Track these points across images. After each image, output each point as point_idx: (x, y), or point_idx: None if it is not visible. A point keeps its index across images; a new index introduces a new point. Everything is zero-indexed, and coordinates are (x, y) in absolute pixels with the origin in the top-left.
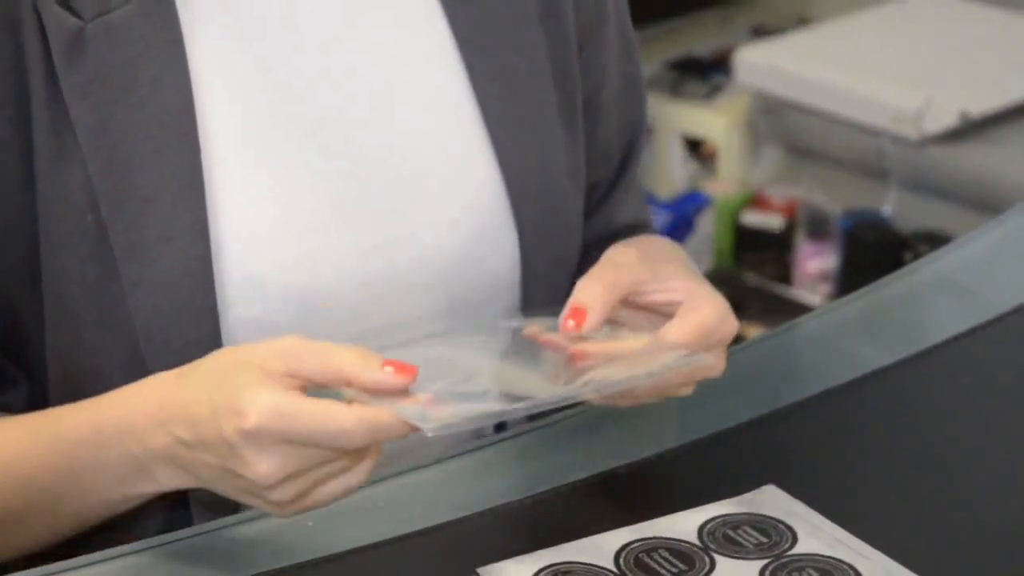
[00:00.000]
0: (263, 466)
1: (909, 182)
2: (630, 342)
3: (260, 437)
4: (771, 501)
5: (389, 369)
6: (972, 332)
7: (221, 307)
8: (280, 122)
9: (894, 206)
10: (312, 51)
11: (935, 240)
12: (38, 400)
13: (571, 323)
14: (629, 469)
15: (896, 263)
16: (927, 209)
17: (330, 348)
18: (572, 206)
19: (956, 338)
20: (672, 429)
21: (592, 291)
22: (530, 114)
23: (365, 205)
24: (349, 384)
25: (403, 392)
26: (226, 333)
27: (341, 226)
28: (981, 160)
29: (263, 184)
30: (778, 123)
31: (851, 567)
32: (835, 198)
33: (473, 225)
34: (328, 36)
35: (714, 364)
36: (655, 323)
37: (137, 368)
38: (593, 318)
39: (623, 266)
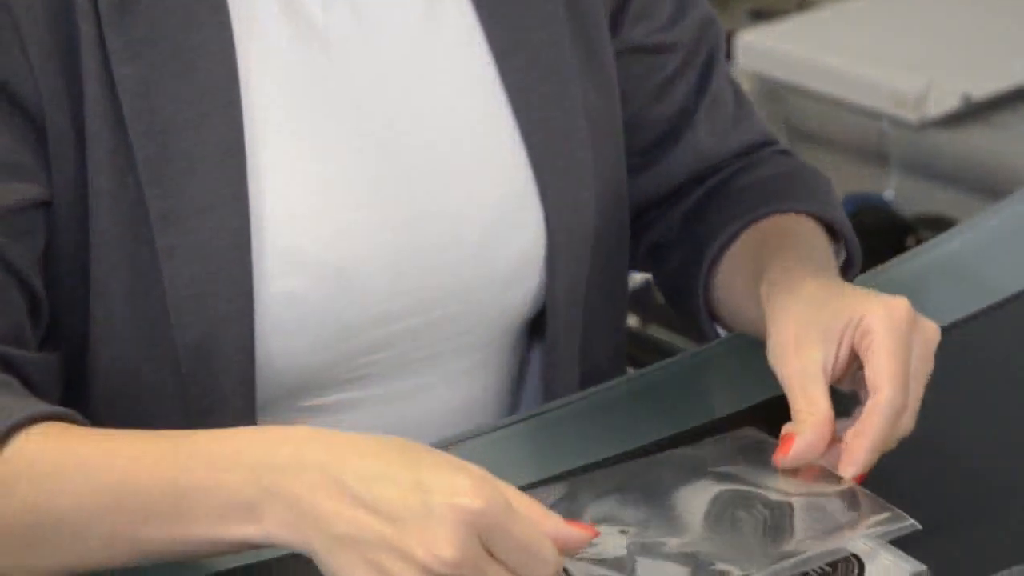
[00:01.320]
0: (452, 552)
1: (911, 166)
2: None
3: (475, 520)
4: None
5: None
6: (975, 317)
7: (256, 281)
8: (318, 99)
9: (896, 190)
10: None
11: (938, 224)
12: (75, 396)
13: (781, 457)
14: (630, 455)
15: (899, 248)
16: (929, 193)
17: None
18: (599, 179)
19: (959, 323)
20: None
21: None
22: (554, 88)
23: (398, 181)
24: (536, 518)
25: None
26: (259, 308)
27: (375, 202)
28: (984, 144)
29: (302, 159)
30: (778, 107)
31: (852, 554)
32: (837, 182)
33: (500, 201)
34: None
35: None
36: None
37: (166, 346)
38: (797, 450)
39: (804, 345)
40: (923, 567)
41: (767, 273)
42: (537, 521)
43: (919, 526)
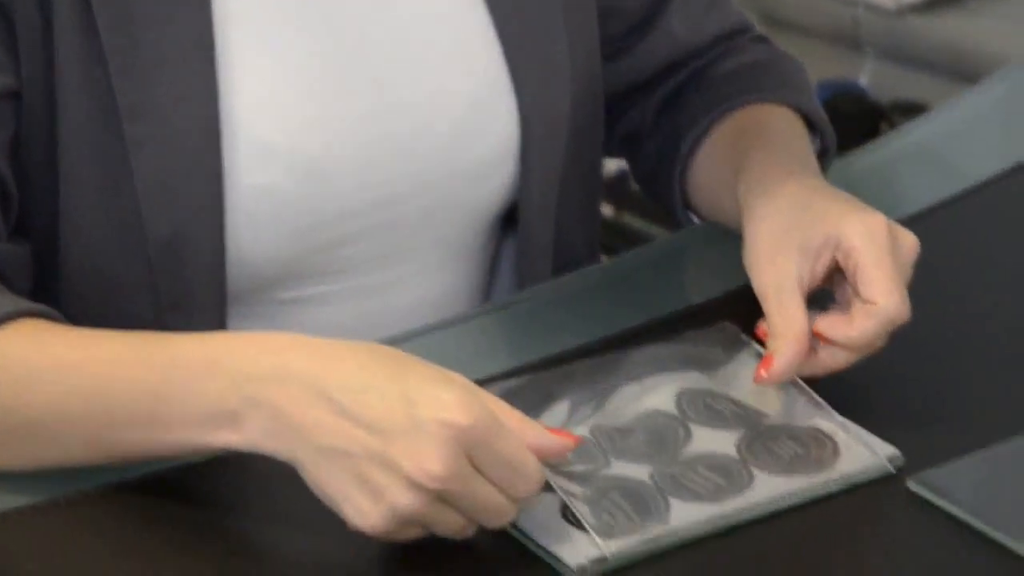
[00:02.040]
0: (439, 467)
1: (886, 52)
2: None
3: (462, 436)
4: (747, 362)
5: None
6: (949, 202)
7: (227, 173)
8: None
9: (871, 76)
10: None
11: (912, 110)
12: (45, 291)
13: (763, 373)
14: (603, 343)
15: (873, 133)
16: (904, 79)
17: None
18: (574, 68)
19: (932, 208)
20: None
21: (777, 326)
22: None
23: (369, 73)
24: (520, 435)
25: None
26: (230, 200)
27: (347, 93)
28: (958, 29)
29: (272, 51)
30: None
31: (825, 435)
32: (811, 68)
33: (472, 91)
34: None
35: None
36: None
37: (136, 239)
38: (778, 370)
39: (781, 256)
40: (895, 450)
41: (744, 171)
42: (521, 431)
43: (892, 470)
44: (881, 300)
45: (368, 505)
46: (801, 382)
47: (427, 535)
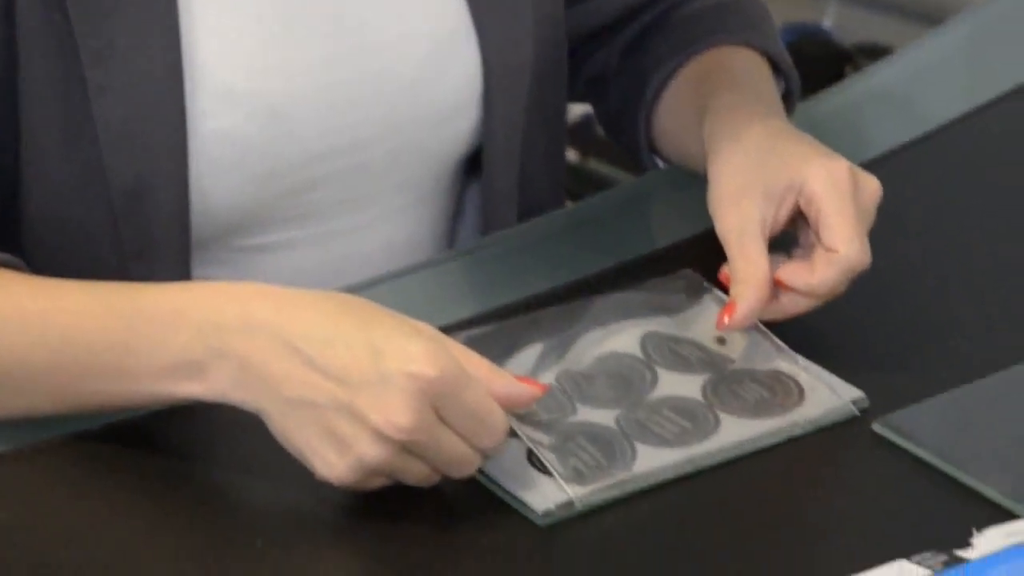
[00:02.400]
0: (406, 419)
1: None
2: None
3: (428, 388)
4: (710, 305)
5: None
6: (912, 144)
7: (190, 118)
8: None
9: (835, 19)
10: None
11: (876, 53)
12: (7, 239)
13: (725, 319)
14: (568, 288)
15: (837, 76)
16: (868, 22)
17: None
18: (536, 12)
19: (896, 150)
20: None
21: (740, 272)
22: None
23: (331, 17)
24: (486, 384)
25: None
26: (193, 145)
27: (308, 37)
28: None
29: None
30: None
31: (791, 378)
32: (775, 11)
33: (434, 34)
34: None
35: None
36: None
37: (99, 186)
38: (740, 317)
39: (744, 200)
40: (860, 393)
41: (709, 114)
42: (488, 379)
43: (857, 413)
44: (842, 248)
45: (335, 457)
46: (763, 327)
47: (393, 484)
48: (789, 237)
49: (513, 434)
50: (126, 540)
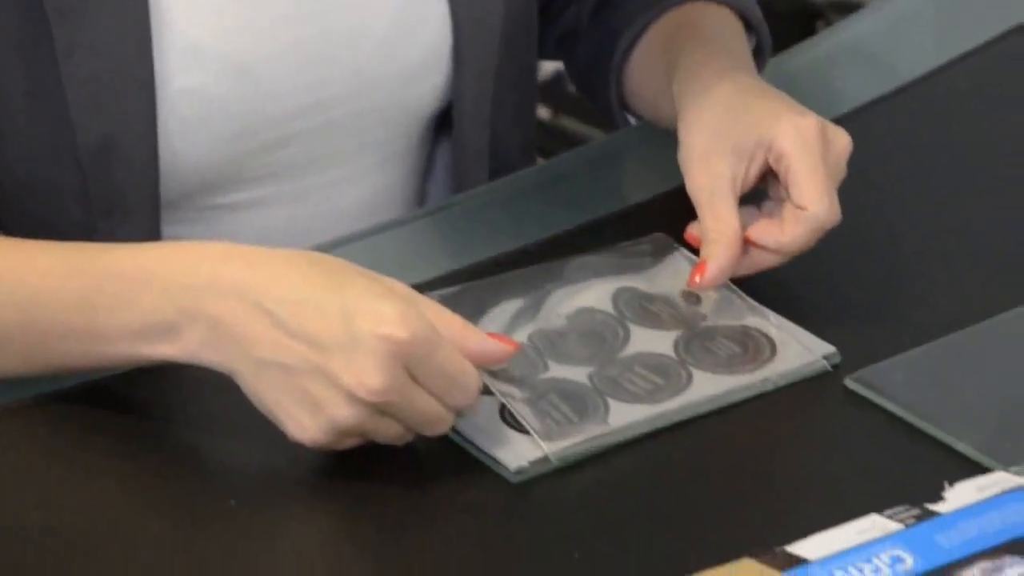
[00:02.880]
0: (379, 381)
1: None
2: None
3: (400, 350)
4: (682, 266)
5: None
6: (881, 100)
7: (158, 77)
8: None
9: None
10: None
11: (847, 8)
12: None
13: (697, 279)
14: (540, 245)
15: (808, 32)
16: None
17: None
18: None
19: (865, 106)
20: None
21: (712, 231)
22: None
23: None
24: (460, 341)
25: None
26: (162, 104)
27: None
28: None
29: None
30: None
31: (763, 334)
32: None
33: None
34: None
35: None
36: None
37: (68, 146)
38: (711, 276)
39: (714, 158)
40: (832, 348)
41: (679, 70)
42: (462, 336)
43: (829, 368)
44: (811, 206)
45: (307, 419)
46: (733, 285)
47: (366, 443)
48: (759, 192)
49: (486, 391)
50: (98, 501)
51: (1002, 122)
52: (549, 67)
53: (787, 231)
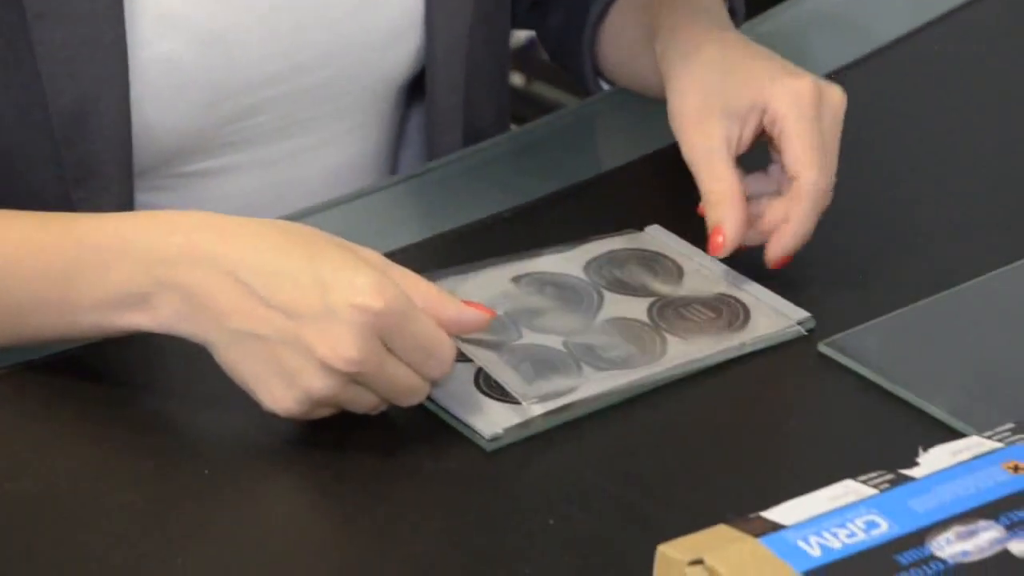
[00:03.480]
0: (354, 351)
1: None
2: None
3: (375, 321)
4: (656, 239)
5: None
6: (853, 65)
7: (130, 44)
8: None
9: None
10: None
11: None
12: None
13: (719, 240)
14: (514, 212)
15: None
16: None
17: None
18: None
19: (837, 71)
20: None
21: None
22: None
23: None
24: (435, 309)
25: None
26: (134, 71)
27: None
28: None
29: None
30: None
31: (737, 301)
32: None
33: None
34: None
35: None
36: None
37: (40, 113)
38: (732, 236)
39: (707, 120)
40: (807, 314)
41: (661, 31)
42: (439, 303)
43: (804, 333)
44: (802, 173)
45: (281, 390)
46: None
47: (340, 412)
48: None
49: (461, 359)
50: (72, 471)
51: (977, 86)
52: (523, 33)
53: (791, 209)
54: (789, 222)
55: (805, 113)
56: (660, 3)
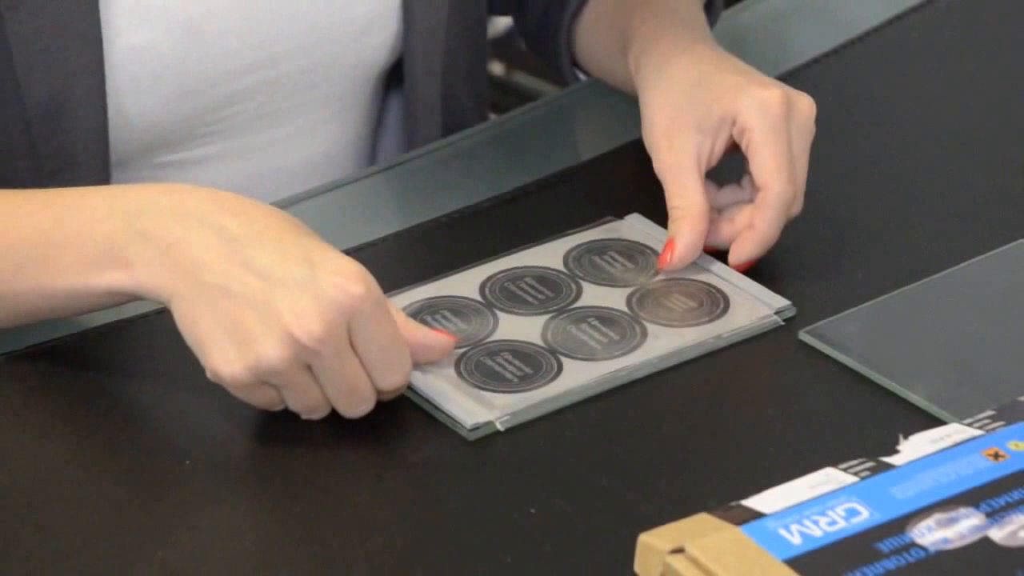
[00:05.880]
0: (321, 327)
1: None
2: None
3: (349, 303)
4: (636, 228)
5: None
6: (833, 52)
7: (106, 35)
8: None
9: None
10: None
11: None
12: None
13: (668, 257)
14: (494, 201)
15: None
16: None
17: None
18: None
19: (817, 59)
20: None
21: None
22: None
23: None
24: (403, 328)
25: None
26: (110, 62)
27: None
28: None
29: None
30: None
31: (717, 290)
32: None
33: None
34: None
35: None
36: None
37: (15, 104)
38: (680, 253)
39: (678, 136)
40: (787, 302)
41: (634, 42)
42: (406, 326)
43: (783, 322)
44: (769, 183)
45: (234, 353)
46: None
47: (280, 408)
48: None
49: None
50: (50, 462)
51: (953, 75)
52: (502, 22)
53: (756, 216)
54: (754, 229)
55: (772, 124)
56: (634, 7)
